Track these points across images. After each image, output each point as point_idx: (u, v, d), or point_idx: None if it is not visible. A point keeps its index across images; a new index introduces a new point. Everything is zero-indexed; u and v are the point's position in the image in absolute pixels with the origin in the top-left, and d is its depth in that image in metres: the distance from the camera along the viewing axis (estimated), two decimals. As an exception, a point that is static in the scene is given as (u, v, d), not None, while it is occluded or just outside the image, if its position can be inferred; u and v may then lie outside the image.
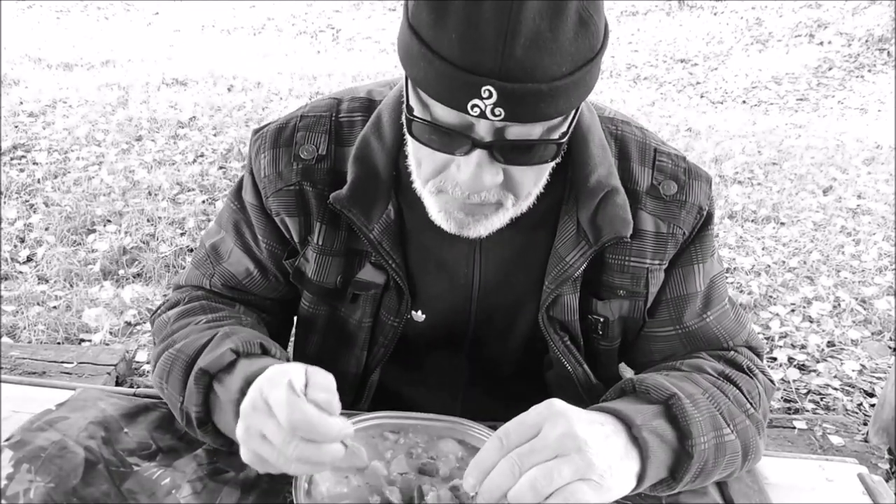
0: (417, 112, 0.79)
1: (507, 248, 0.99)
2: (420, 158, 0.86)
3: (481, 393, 1.09)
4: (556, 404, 0.76)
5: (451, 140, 0.78)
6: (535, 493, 0.69)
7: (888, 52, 8.58)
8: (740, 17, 10.22)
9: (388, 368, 1.09)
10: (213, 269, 1.06)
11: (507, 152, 0.78)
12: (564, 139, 0.79)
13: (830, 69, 8.57)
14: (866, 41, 8.93)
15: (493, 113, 0.72)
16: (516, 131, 0.76)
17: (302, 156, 0.98)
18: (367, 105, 1.01)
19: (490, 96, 0.71)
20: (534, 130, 0.77)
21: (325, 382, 0.74)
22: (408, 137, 0.88)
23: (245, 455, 0.75)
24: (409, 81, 0.80)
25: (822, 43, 9.16)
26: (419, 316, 1.03)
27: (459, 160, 0.80)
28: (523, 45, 0.70)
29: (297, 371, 0.74)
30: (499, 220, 0.87)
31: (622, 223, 0.94)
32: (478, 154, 0.77)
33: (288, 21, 11.30)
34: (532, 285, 1.00)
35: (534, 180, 0.86)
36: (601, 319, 1.01)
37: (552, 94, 0.73)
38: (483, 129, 0.76)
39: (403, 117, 0.82)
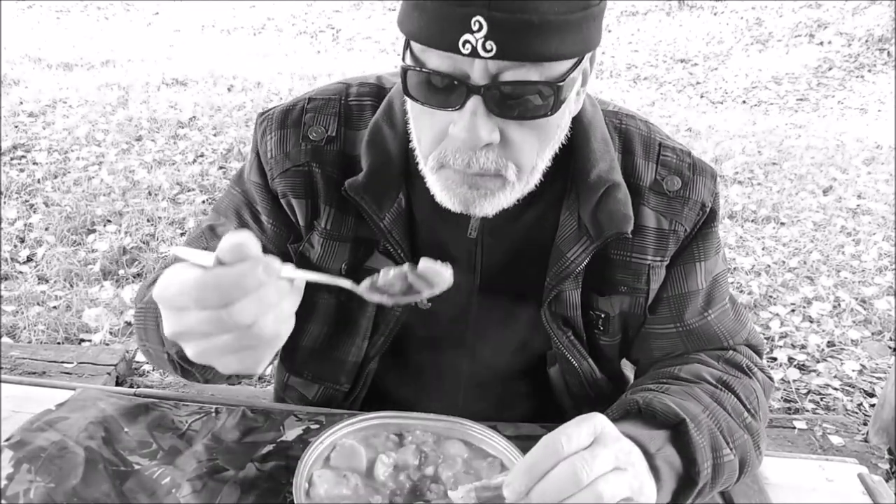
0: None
1: (509, 240, 0.98)
2: (420, 130, 0.86)
3: (483, 391, 1.09)
4: (601, 417, 0.73)
5: (446, 91, 0.78)
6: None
7: (888, 52, 8.58)
8: (740, 17, 10.21)
9: (390, 366, 1.07)
10: (208, 244, 1.00)
11: (503, 102, 0.77)
12: (562, 83, 0.77)
13: (830, 69, 8.57)
14: (866, 41, 8.93)
15: (484, 48, 0.72)
16: (512, 75, 0.75)
17: (311, 137, 0.97)
18: (378, 91, 1.01)
19: (480, 28, 0.71)
20: (530, 77, 0.76)
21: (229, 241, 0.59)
22: (408, 105, 0.88)
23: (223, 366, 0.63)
24: (406, 45, 0.80)
25: (822, 43, 9.16)
26: (425, 304, 1.01)
27: (455, 117, 0.79)
28: None
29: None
30: (504, 198, 0.85)
31: (623, 219, 0.93)
32: (472, 102, 0.76)
33: (288, 21, 11.30)
34: (533, 280, 0.99)
35: (535, 148, 0.84)
36: (602, 315, 1.01)
37: (544, 30, 0.72)
38: (477, 74, 0.75)
39: (399, 75, 0.81)
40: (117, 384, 2.55)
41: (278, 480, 0.86)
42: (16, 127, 5.33)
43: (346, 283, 0.68)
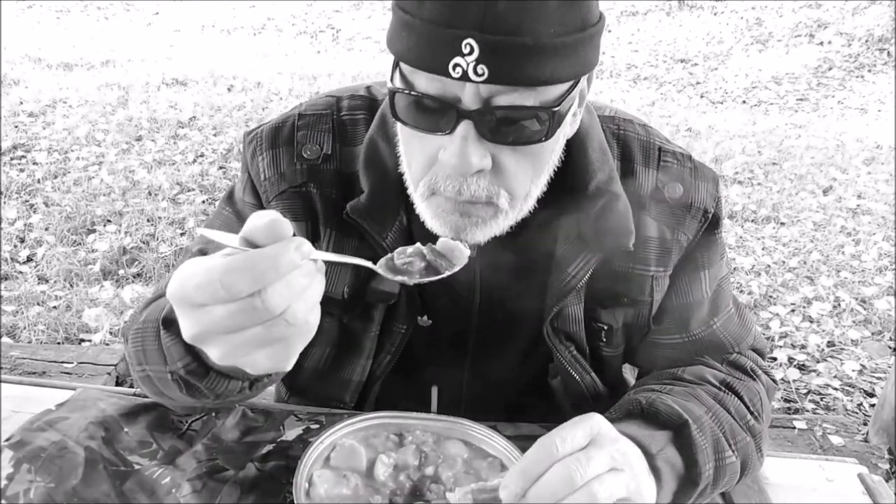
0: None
1: (509, 257, 0.96)
2: (410, 155, 0.83)
3: (484, 404, 1.07)
4: (598, 417, 0.73)
5: (436, 115, 0.74)
6: None
7: (888, 52, 8.57)
8: (740, 17, 10.21)
9: (391, 382, 1.05)
10: None
11: (495, 127, 0.73)
12: (557, 108, 0.74)
13: (830, 69, 8.56)
14: (866, 41, 8.92)
15: (475, 72, 0.69)
16: (505, 100, 0.72)
17: (305, 155, 0.94)
18: (370, 103, 0.98)
19: (471, 52, 0.69)
20: (524, 102, 0.73)
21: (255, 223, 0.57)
22: (397, 127, 0.85)
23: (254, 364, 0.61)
24: (395, 65, 0.78)
25: (822, 43, 9.16)
26: (425, 321, 1.00)
27: (445, 142, 0.75)
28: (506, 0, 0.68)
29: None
30: (497, 226, 0.82)
31: (624, 233, 0.90)
32: (463, 127, 0.73)
33: (288, 21, 11.30)
34: (534, 295, 0.97)
35: (530, 175, 0.81)
36: (605, 327, 0.99)
37: (538, 53, 0.69)
38: (469, 98, 0.72)
39: (387, 99, 0.78)
40: (117, 384, 2.55)
41: (278, 480, 0.86)
42: (16, 127, 5.33)
43: (366, 263, 0.67)
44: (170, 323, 0.71)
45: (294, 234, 0.57)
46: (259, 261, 0.53)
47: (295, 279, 0.55)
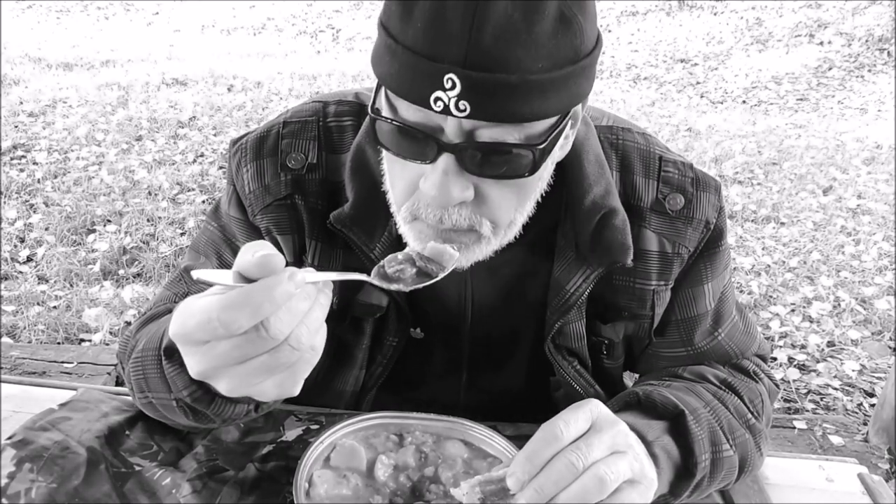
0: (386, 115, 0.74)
1: (501, 273, 0.94)
2: (392, 178, 0.81)
3: (483, 414, 1.07)
4: (596, 402, 0.73)
5: (417, 144, 0.72)
6: (603, 488, 0.66)
7: (888, 52, 8.57)
8: (740, 17, 10.21)
9: (388, 394, 1.04)
10: (188, 288, 0.96)
11: (477, 161, 0.71)
12: (543, 145, 0.71)
13: (830, 69, 8.56)
14: (866, 41, 8.92)
15: (457, 107, 0.66)
16: (488, 134, 0.70)
17: (290, 165, 0.91)
18: (358, 109, 0.95)
19: (453, 87, 0.66)
20: (508, 137, 0.70)
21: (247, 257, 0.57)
22: (383, 154, 0.82)
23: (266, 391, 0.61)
24: (378, 86, 0.76)
25: (822, 43, 9.16)
26: (417, 333, 0.99)
27: (426, 170, 0.73)
28: (492, 34, 0.65)
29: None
30: (480, 251, 0.80)
31: (621, 249, 0.88)
32: (444, 160, 0.71)
33: (288, 21, 11.30)
34: (531, 313, 0.95)
35: (514, 205, 0.78)
36: (605, 341, 0.98)
37: (525, 90, 0.66)
38: (451, 131, 0.70)
39: (368, 121, 0.75)
40: (117, 384, 2.55)
41: (278, 480, 0.86)
42: (16, 127, 5.34)
43: (360, 277, 0.67)
44: (172, 352, 0.71)
45: (286, 265, 0.57)
46: (254, 295, 0.54)
47: (295, 304, 0.56)
